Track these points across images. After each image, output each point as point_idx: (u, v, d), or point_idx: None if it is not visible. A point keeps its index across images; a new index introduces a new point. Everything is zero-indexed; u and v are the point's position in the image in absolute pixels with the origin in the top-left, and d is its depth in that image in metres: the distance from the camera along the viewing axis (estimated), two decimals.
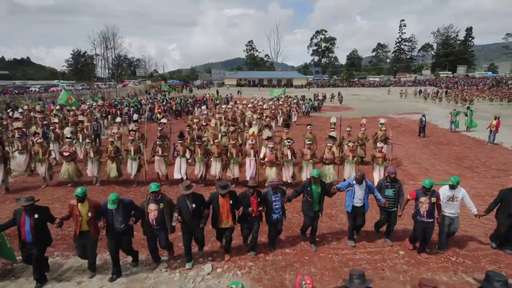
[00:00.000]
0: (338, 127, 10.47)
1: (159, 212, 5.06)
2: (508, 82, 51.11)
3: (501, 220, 5.68)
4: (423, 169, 10.61)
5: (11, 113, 16.53)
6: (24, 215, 4.72)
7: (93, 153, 9.22)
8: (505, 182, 8.92)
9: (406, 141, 14.54)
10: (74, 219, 4.90)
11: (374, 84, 69.37)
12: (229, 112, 16.62)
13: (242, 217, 5.50)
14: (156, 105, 23.27)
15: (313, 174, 5.66)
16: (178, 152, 9.09)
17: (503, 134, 15.39)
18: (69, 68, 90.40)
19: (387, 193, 5.76)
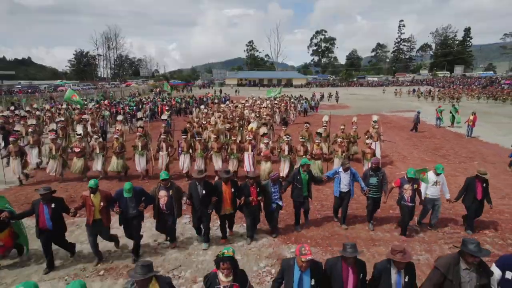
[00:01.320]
0: (330, 124, 11.32)
1: (169, 198, 5.54)
2: (501, 82, 52.27)
3: (468, 204, 6.29)
4: (402, 157, 11.92)
5: (16, 111, 17.32)
6: (42, 204, 5.04)
7: (99, 149, 9.67)
8: (468, 166, 10.46)
9: (392, 135, 15.78)
10: (87, 209, 5.26)
11: (372, 84, 70.35)
12: (227, 111, 17.38)
13: (243, 206, 5.99)
14: (159, 104, 24.09)
15: (302, 163, 6.39)
16: (183, 148, 9.49)
17: (484, 129, 16.78)
18: (71, 68, 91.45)
19: (371, 181, 6.35)
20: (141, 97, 32.49)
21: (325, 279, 3.56)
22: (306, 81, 72.98)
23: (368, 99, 38.97)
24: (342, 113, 23.80)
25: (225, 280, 3.22)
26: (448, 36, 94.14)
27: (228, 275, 3.23)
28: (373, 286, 3.59)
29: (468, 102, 32.68)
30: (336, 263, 3.57)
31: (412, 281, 3.50)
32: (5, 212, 4.99)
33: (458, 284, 3.37)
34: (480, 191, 6.12)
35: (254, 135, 10.86)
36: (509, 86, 46.08)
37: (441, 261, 3.55)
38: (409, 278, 3.47)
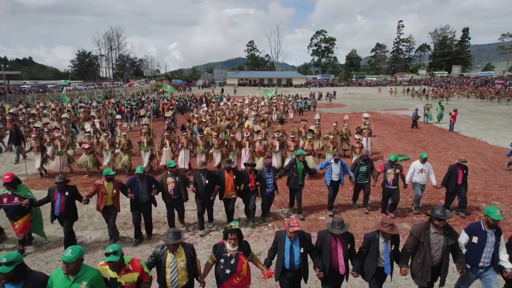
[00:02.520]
0: (326, 122, 12.45)
1: (176, 184, 6.06)
2: (495, 82, 53.33)
3: (451, 189, 7.04)
4: (386, 147, 13.25)
5: (24, 110, 18.24)
6: (56, 192, 5.41)
7: (108, 146, 10.22)
8: (443, 155, 11.97)
9: (381, 130, 17.12)
10: (100, 196, 5.66)
11: (371, 84, 71.32)
12: (225, 109, 18.08)
13: (243, 192, 6.61)
14: (161, 103, 24.94)
15: (298, 153, 7.09)
16: (183, 144, 10.01)
17: (467, 125, 18.26)
18: (74, 68, 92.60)
19: (361, 169, 7.12)
20: (142, 97, 33.31)
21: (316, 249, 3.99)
22: (306, 81, 74.01)
23: (365, 98, 40.05)
24: (338, 111, 24.92)
25: (231, 249, 3.70)
26: (447, 37, 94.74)
27: (234, 244, 3.71)
28: (363, 254, 4.00)
29: (458, 100, 34.13)
30: (325, 236, 3.93)
31: (397, 248, 4.00)
32: (26, 199, 5.36)
33: (429, 245, 3.90)
34: (461, 176, 6.87)
35: (251, 132, 11.41)
36: (502, 85, 47.15)
37: (415, 227, 4.12)
38: (394, 246, 3.95)
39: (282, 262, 3.88)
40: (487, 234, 4.00)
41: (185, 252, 3.65)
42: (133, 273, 3.34)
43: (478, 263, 4.10)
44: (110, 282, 3.30)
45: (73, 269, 3.00)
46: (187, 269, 3.62)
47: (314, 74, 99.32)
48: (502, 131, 17.14)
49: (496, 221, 3.91)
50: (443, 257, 3.90)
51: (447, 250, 3.91)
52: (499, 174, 9.93)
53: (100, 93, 37.25)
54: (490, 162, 11.19)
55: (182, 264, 3.58)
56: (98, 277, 3.20)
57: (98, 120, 14.87)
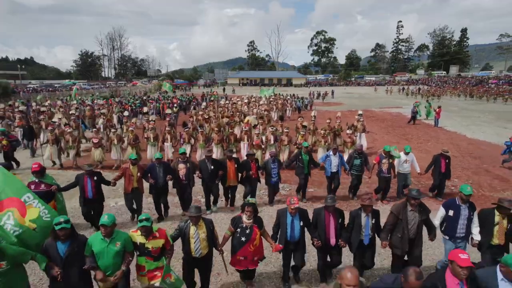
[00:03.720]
0: (321, 119, 13.53)
1: (187, 169, 6.70)
2: (489, 82, 54.44)
3: (435, 176, 7.80)
4: (373, 139, 14.43)
5: (35, 107, 19.25)
6: (86, 177, 5.97)
7: (117, 141, 10.70)
8: (423, 146, 13.35)
9: (372, 125, 18.31)
10: (127, 178, 6.29)
11: (370, 83, 72.31)
12: (225, 107, 18.94)
13: (245, 179, 7.12)
14: (161, 103, 25.82)
15: (304, 145, 7.80)
16: (184, 139, 10.61)
17: (452, 121, 19.70)
18: (76, 68, 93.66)
19: (356, 162, 7.71)
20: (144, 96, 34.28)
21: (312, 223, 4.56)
22: (306, 81, 74.99)
23: (362, 97, 41.12)
24: (335, 109, 25.97)
25: (247, 221, 4.20)
26: (445, 37, 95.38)
27: (250, 217, 4.19)
28: (350, 228, 4.57)
29: (450, 99, 35.71)
30: (320, 212, 4.54)
31: (377, 222, 4.58)
32: (54, 185, 5.70)
33: (406, 221, 4.43)
34: (444, 165, 7.59)
35: (249, 127, 11.88)
36: (495, 85, 48.23)
37: (394, 207, 4.63)
38: (375, 220, 4.54)
39: (285, 235, 4.41)
40: (461, 208, 4.55)
41: (205, 225, 4.11)
42: (159, 239, 3.85)
43: (455, 234, 4.60)
44: (139, 246, 3.80)
45: (110, 232, 3.61)
46: (208, 239, 4.09)
47: (314, 74, 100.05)
48: (483, 126, 18.52)
49: (468, 196, 4.47)
50: (418, 231, 4.46)
51: (421, 225, 4.48)
52: (465, 159, 11.63)
53: (106, 92, 38.42)
54: (462, 151, 12.68)
55: (203, 235, 4.05)
56: (128, 239, 3.79)
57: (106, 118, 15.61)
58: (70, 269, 3.55)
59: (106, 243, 3.61)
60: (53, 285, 3.67)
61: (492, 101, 33.42)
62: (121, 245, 3.69)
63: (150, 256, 3.81)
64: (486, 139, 15.04)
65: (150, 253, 3.80)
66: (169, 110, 16.91)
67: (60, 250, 3.55)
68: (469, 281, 2.89)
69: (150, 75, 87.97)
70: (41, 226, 3.78)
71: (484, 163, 11.20)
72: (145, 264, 3.83)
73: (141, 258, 3.85)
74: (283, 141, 10.43)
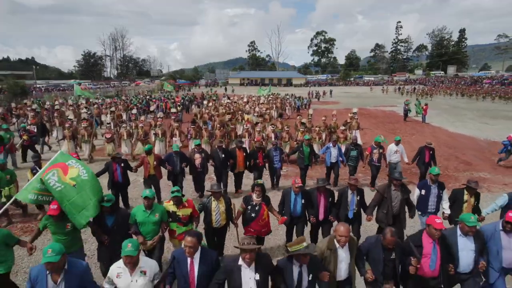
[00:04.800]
0: (318, 116, 14.61)
1: (202, 159, 7.46)
2: (483, 82, 55.63)
3: (420, 166, 8.41)
4: (363, 133, 15.50)
5: (46, 106, 20.51)
6: (115, 164, 6.75)
7: (126, 136, 11.47)
8: (408, 138, 14.61)
9: (365, 121, 19.46)
10: (145, 166, 7.13)
11: (368, 83, 73.32)
12: (226, 106, 19.85)
13: (253, 167, 7.89)
14: (163, 103, 27.10)
15: (305, 138, 8.52)
16: (191, 135, 11.33)
17: (439, 118, 21.06)
18: (79, 68, 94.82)
19: (352, 153, 8.44)
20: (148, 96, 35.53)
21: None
22: (305, 80, 76.08)
23: (360, 97, 42.26)
24: (332, 108, 27.09)
25: (256, 199, 4.78)
26: (444, 37, 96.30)
27: (259, 196, 4.78)
28: (338, 204, 5.15)
29: (442, 98, 37.58)
30: (313, 192, 5.18)
31: (362, 199, 5.20)
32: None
33: (390, 199, 5.05)
34: (428, 156, 8.26)
35: (251, 125, 12.68)
36: (489, 85, 49.41)
37: (380, 187, 5.31)
38: (359, 197, 5.14)
39: (289, 210, 5.05)
40: (431, 188, 5.30)
41: (224, 200, 4.80)
42: (188, 208, 4.57)
43: (426, 210, 5.28)
44: (172, 214, 4.52)
45: (150, 205, 4.32)
46: (226, 213, 4.78)
47: (314, 74, 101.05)
48: (468, 123, 19.82)
49: (436, 175, 5.23)
50: (401, 208, 5.10)
51: (403, 202, 5.12)
52: (440, 149, 12.61)
53: (112, 91, 39.73)
54: (439, 142, 13.95)
55: (222, 208, 4.73)
56: (164, 211, 4.49)
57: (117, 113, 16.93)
58: (115, 236, 4.20)
59: (147, 214, 4.33)
60: (101, 249, 4.41)
61: (482, 100, 35.02)
62: (159, 216, 4.39)
63: (180, 222, 4.56)
64: (466, 133, 16.47)
65: (180, 220, 4.55)
66: (174, 109, 18.00)
67: (108, 221, 4.34)
68: (440, 240, 3.59)
69: (153, 75, 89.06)
70: (79, 183, 4.25)
71: (456, 151, 12.73)
72: (176, 229, 4.59)
73: (173, 224, 4.58)
74: (284, 137, 11.11)
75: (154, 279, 3.13)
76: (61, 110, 18.90)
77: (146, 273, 3.06)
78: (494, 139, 14.85)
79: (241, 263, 3.03)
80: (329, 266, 3.47)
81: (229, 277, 3.05)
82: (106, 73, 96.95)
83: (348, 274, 3.58)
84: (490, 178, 9.62)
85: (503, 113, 24.60)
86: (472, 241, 3.67)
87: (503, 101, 33.38)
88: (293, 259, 3.15)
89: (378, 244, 3.58)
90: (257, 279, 3.00)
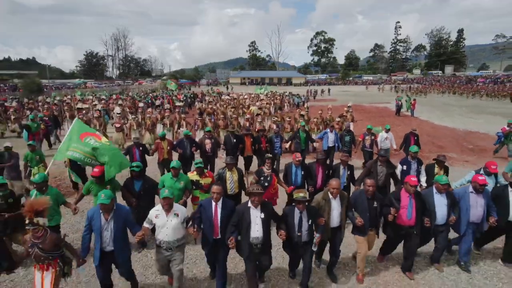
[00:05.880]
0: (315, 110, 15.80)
1: (212, 144, 8.02)
2: (477, 81, 56.91)
3: (406, 152, 8.15)
4: (355, 125, 16.31)
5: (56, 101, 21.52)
6: (134, 148, 7.35)
7: (135, 126, 12.17)
8: (394, 129, 15.00)
9: (358, 116, 20.42)
10: (159, 151, 7.75)
11: (367, 83, 74.55)
12: (227, 102, 21.23)
13: (257, 151, 8.53)
14: (165, 100, 28.43)
15: (301, 124, 9.37)
16: (198, 126, 11.74)
17: (428, 113, 22.49)
18: (81, 68, 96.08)
19: (346, 139, 9.19)
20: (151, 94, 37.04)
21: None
22: (305, 80, 77.31)
23: (357, 95, 43.51)
24: (326, 104, 28.40)
25: (267, 171, 5.54)
26: (442, 37, 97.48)
27: (269, 168, 5.54)
28: (332, 177, 5.59)
29: (436, 95, 39.47)
30: (313, 164, 5.86)
31: (352, 174, 5.86)
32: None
33: (376, 173, 5.75)
34: (413, 141, 8.84)
35: (252, 116, 13.86)
36: (483, 84, 50.71)
37: (368, 163, 6.15)
38: (350, 172, 5.84)
39: (290, 182, 5.73)
40: (411, 163, 6.10)
41: (237, 171, 5.48)
42: (208, 178, 5.37)
43: None
44: (195, 183, 5.28)
45: (177, 173, 5.08)
46: (239, 182, 5.45)
47: (314, 73, 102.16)
48: (454, 117, 21.15)
49: (414, 153, 6.06)
50: (385, 181, 5.85)
51: (388, 176, 5.86)
52: (421, 137, 12.49)
53: (117, 90, 41.22)
54: (421, 132, 14.62)
55: (235, 178, 5.40)
56: (188, 180, 5.22)
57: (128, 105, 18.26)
58: (143, 200, 4.95)
59: (174, 181, 5.07)
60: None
61: (471, 98, 36.79)
62: (184, 184, 5.11)
63: (203, 189, 5.32)
64: (449, 125, 17.80)
65: (203, 187, 5.31)
66: (178, 103, 19.22)
67: (136, 186, 5.08)
68: (415, 195, 4.43)
69: (156, 74, 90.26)
70: (110, 145, 5.51)
71: (434, 139, 14.03)
72: (199, 195, 5.32)
73: (196, 191, 5.35)
74: (285, 128, 11.85)
75: (184, 221, 4.01)
76: (71, 104, 20.13)
77: (179, 215, 3.91)
78: (472, 130, 16.42)
79: (250, 205, 3.90)
80: (324, 214, 4.27)
81: (241, 217, 3.91)
82: (108, 73, 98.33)
83: (340, 222, 4.37)
84: (455, 157, 11.16)
85: (489, 109, 26.02)
86: (445, 198, 4.57)
87: (489, 99, 35.19)
88: (295, 207, 4.00)
89: (362, 195, 4.43)
90: (262, 217, 3.88)
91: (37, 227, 3.42)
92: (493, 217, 4.60)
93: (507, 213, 4.74)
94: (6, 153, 7.05)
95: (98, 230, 3.76)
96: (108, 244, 3.81)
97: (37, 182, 4.57)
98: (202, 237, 4.15)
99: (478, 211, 4.64)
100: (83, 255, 3.90)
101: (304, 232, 4.01)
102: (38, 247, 3.45)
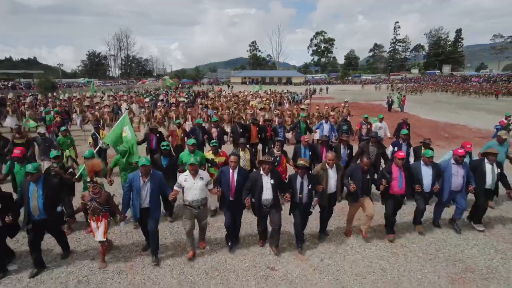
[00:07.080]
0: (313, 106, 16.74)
1: (218, 133, 8.66)
2: (472, 80, 58.08)
3: (398, 137, 8.40)
4: (351, 118, 17.37)
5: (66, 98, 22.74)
6: (152, 135, 7.91)
7: (145, 119, 12.51)
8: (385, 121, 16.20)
9: (353, 111, 21.37)
10: (173, 138, 8.36)
11: (365, 82, 75.59)
12: (228, 98, 22.09)
13: (264, 139, 9.11)
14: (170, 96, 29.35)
15: (302, 115, 10.11)
16: (203, 119, 12.21)
17: (418, 109, 23.89)
18: (83, 68, 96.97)
19: (344, 128, 9.59)
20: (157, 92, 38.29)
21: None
22: (305, 79, 78.31)
23: (354, 94, 44.48)
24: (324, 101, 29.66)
25: (277, 152, 6.23)
26: (440, 37, 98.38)
27: (279, 149, 6.28)
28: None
29: (431, 94, 41.38)
30: (317, 145, 6.81)
31: (351, 152, 6.73)
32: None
33: (368, 152, 6.43)
34: (405, 129, 8.80)
35: (255, 110, 14.78)
36: (476, 83, 51.86)
37: (361, 144, 6.86)
38: (349, 151, 6.73)
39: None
40: (402, 145, 6.76)
41: (249, 151, 6.33)
42: (222, 157, 6.01)
43: None
44: (210, 160, 5.91)
45: (193, 150, 5.75)
46: (251, 160, 6.26)
47: (314, 73, 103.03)
48: (440, 112, 22.39)
49: (404, 135, 6.78)
50: (376, 160, 6.57)
51: (379, 156, 6.59)
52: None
53: (123, 88, 42.32)
54: None
55: (247, 157, 6.17)
56: (203, 157, 5.85)
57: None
58: (167, 173, 5.55)
59: (191, 156, 5.49)
60: None
61: (461, 95, 38.84)
62: (199, 159, 5.50)
63: (217, 167, 5.85)
64: (434, 119, 19.19)
65: (217, 165, 5.88)
66: (182, 98, 20.14)
67: (164, 162, 5.90)
68: (404, 169, 5.21)
69: (158, 74, 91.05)
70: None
71: (415, 128, 14.89)
72: (214, 173, 5.70)
73: (211, 168, 5.99)
74: (287, 121, 12.20)
75: (208, 184, 4.78)
76: (81, 99, 21.01)
77: (203, 179, 4.71)
78: (453, 123, 18.09)
79: (262, 173, 4.72)
80: (322, 181, 5.05)
81: (254, 182, 4.72)
82: (111, 73, 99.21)
83: (335, 188, 5.19)
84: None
85: (476, 105, 27.47)
86: (431, 169, 5.41)
87: (477, 96, 37.55)
88: (297, 174, 4.79)
89: (358, 168, 5.23)
90: (272, 183, 4.70)
91: (96, 184, 4.33)
92: (472, 185, 5.44)
93: (483, 182, 5.59)
94: (40, 138, 7.97)
95: (138, 189, 4.58)
96: (145, 202, 4.62)
97: (87, 157, 5.47)
98: (221, 199, 5.04)
99: (459, 179, 5.44)
100: (123, 212, 4.75)
101: (305, 195, 4.84)
102: (96, 201, 4.36)
